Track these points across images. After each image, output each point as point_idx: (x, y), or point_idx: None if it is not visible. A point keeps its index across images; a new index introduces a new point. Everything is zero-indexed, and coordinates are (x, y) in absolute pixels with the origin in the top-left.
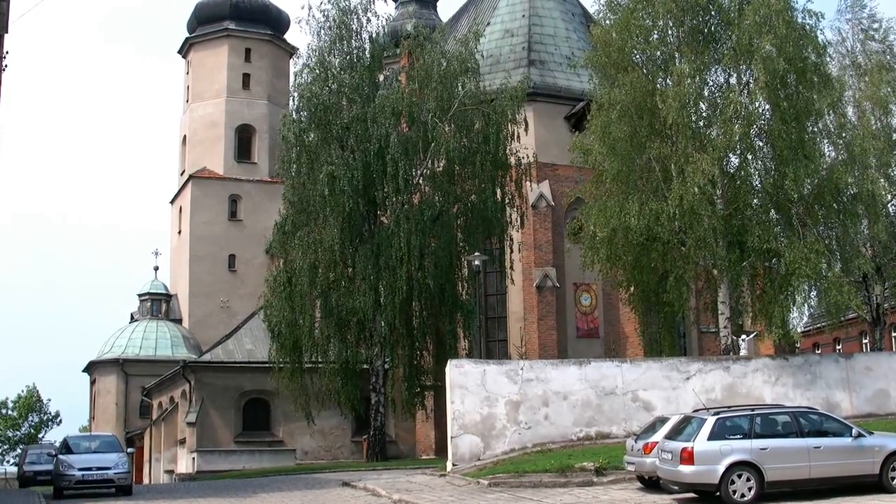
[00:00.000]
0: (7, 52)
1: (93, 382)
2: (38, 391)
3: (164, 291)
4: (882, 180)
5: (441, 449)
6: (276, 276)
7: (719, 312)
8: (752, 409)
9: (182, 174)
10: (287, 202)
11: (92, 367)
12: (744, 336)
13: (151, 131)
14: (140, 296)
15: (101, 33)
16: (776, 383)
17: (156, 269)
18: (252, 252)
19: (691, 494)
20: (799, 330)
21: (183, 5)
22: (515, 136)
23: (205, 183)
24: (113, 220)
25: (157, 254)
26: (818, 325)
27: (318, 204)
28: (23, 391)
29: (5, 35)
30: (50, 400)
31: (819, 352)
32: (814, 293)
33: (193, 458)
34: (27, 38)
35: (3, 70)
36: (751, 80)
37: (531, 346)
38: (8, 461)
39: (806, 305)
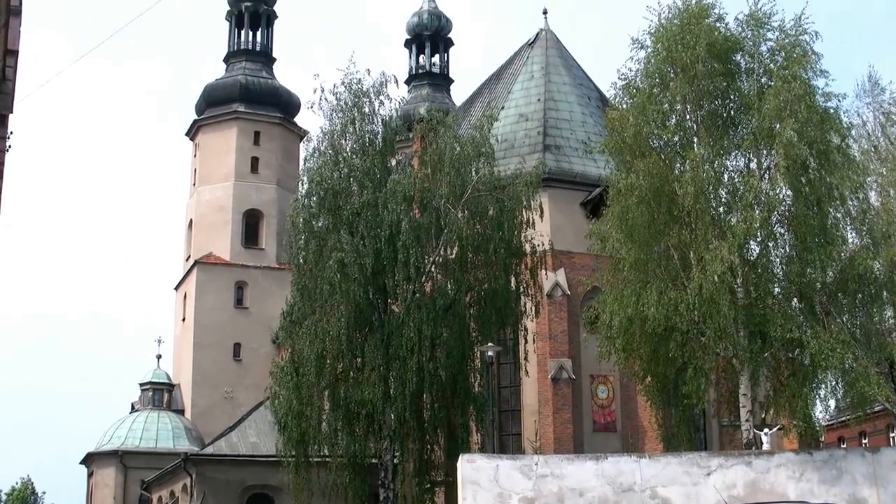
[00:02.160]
0: (11, 133)
1: (90, 475)
2: (32, 483)
3: (166, 381)
4: None
5: None
6: (282, 367)
7: (740, 405)
8: None
9: (187, 259)
10: (294, 289)
11: (90, 459)
12: (766, 430)
13: (155, 216)
14: (141, 385)
15: (107, 112)
16: (801, 479)
17: (158, 357)
18: (258, 341)
19: None
20: (823, 423)
21: (192, 87)
22: (530, 223)
23: (210, 269)
24: (116, 308)
25: (160, 342)
26: (843, 419)
27: (326, 291)
28: (17, 483)
29: (10, 116)
30: (45, 493)
31: (844, 446)
32: (839, 385)
33: None
34: (30, 118)
35: (7, 151)
36: (771, 166)
37: (546, 441)
38: None
39: (833, 398)
